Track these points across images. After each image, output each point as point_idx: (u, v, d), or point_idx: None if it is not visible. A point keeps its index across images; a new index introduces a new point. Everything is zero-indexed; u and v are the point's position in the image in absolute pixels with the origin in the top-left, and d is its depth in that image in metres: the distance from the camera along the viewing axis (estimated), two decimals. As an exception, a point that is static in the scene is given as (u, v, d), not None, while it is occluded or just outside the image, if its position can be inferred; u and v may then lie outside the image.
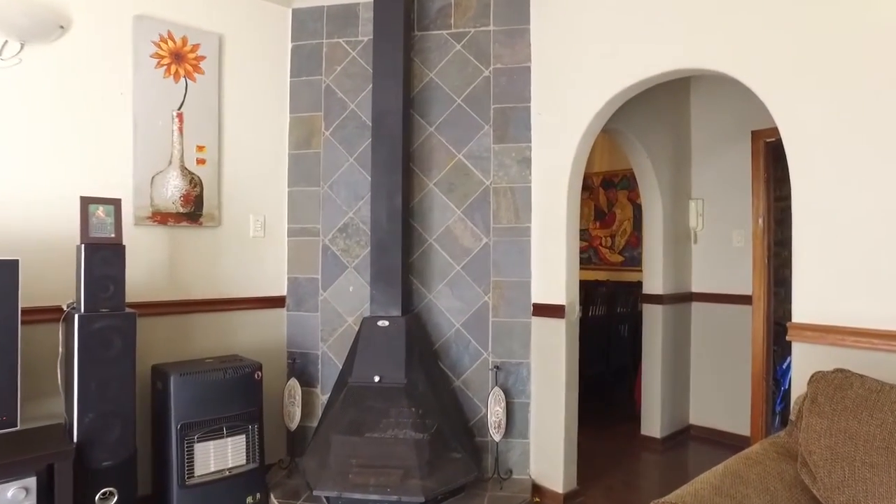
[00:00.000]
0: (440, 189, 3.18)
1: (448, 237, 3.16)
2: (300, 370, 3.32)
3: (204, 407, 2.61)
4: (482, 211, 3.14)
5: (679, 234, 4.02)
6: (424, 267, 3.19)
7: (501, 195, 3.12)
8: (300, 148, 3.37)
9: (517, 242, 3.10)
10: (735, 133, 3.92)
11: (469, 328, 3.13)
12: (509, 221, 3.11)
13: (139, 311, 2.73)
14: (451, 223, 3.16)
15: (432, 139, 3.20)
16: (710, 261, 4.06)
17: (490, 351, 3.12)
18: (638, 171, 3.85)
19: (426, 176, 3.20)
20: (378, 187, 2.96)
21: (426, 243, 3.19)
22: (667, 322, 3.89)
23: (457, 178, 3.16)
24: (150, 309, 2.83)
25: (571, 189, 2.97)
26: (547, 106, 3.04)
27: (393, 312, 2.91)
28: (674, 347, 3.97)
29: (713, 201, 4.06)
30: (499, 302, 3.11)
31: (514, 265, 3.10)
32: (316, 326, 3.33)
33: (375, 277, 2.95)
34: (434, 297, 3.17)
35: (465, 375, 3.14)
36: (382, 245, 2.94)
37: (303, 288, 3.35)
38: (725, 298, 3.96)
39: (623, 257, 6.25)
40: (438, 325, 3.17)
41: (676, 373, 4.01)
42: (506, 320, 3.10)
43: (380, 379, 2.74)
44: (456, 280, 3.15)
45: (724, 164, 3.98)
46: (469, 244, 3.14)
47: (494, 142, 3.13)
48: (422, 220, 3.20)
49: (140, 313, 2.78)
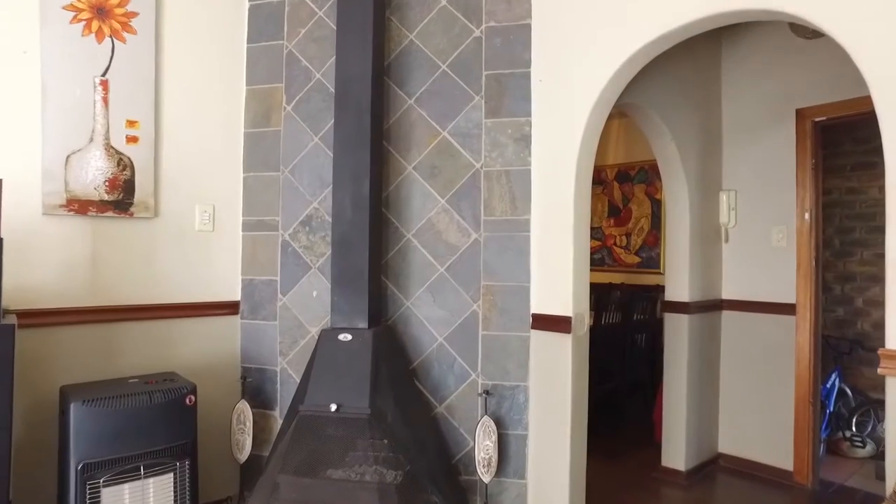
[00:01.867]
0: (421, 173, 2.63)
1: (430, 232, 2.61)
2: (255, 389, 2.79)
3: (116, 441, 2.08)
4: (471, 200, 2.58)
5: (707, 232, 3.43)
6: (401, 268, 2.64)
7: (495, 180, 2.57)
8: (257, 126, 2.84)
9: (513, 239, 2.54)
10: (775, 112, 3.33)
11: (454, 343, 2.58)
12: (504, 213, 2.55)
13: (47, 319, 2.25)
14: (434, 215, 2.61)
15: (411, 113, 2.65)
16: (743, 263, 3.47)
17: (479, 371, 2.56)
18: (661, 156, 3.27)
19: (404, 157, 2.65)
20: (341, 170, 2.42)
21: (403, 239, 2.64)
22: (693, 334, 3.31)
23: (441, 160, 2.61)
24: (62, 317, 2.32)
25: (581, 173, 2.41)
26: (551, 71, 2.48)
27: (358, 324, 2.37)
28: (701, 364, 3.39)
29: (748, 193, 3.46)
30: (490, 311, 2.55)
31: (510, 267, 2.54)
32: (274, 337, 2.80)
33: (337, 281, 2.41)
34: (412, 304, 2.62)
35: (450, 400, 2.59)
36: (346, 241, 2.40)
37: (259, 292, 2.82)
38: (762, 307, 3.37)
39: (640, 258, 5.67)
40: (417, 338, 2.62)
41: (704, 393, 3.43)
42: (499, 334, 2.54)
43: (337, 407, 2.20)
44: (439, 284, 2.60)
45: (762, 150, 3.39)
46: (455, 240, 2.59)
47: (486, 115, 2.58)
48: (398, 210, 2.65)
49: (48, 323, 2.30)
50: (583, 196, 2.42)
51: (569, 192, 2.39)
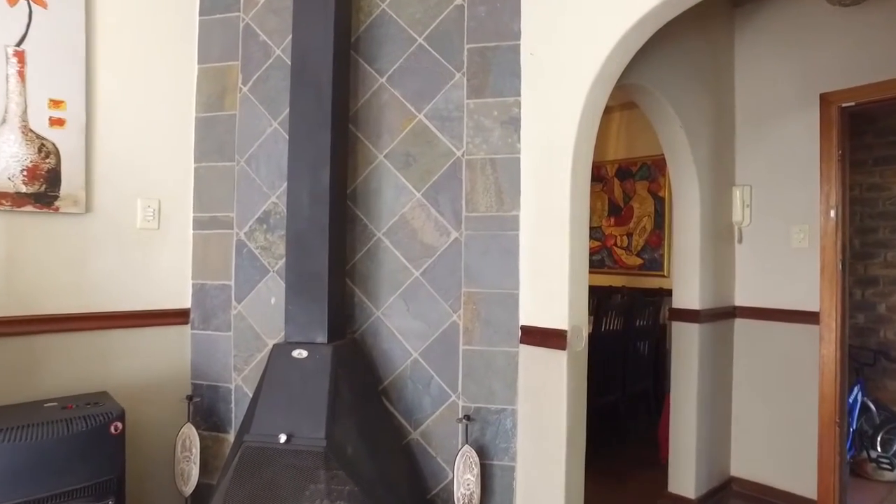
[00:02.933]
0: (393, 163, 2.28)
1: (403, 230, 2.26)
2: (206, 410, 2.44)
3: (22, 482, 1.73)
4: (451, 193, 2.23)
5: (719, 232, 3.09)
6: (370, 272, 2.29)
7: (479, 171, 2.22)
8: (211, 109, 2.49)
9: (500, 238, 2.19)
10: (796, 97, 2.98)
11: (431, 359, 2.23)
12: (489, 208, 2.20)
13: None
14: (408, 210, 2.26)
15: (383, 93, 2.30)
16: (759, 266, 3.13)
17: (460, 392, 2.21)
18: (668, 146, 2.92)
19: (374, 144, 2.30)
20: (297, 157, 2.06)
21: (372, 239, 2.29)
22: (704, 345, 2.96)
23: (416, 148, 2.26)
24: (-33, 329, 1.97)
25: (579, 161, 2.06)
26: (543, 42, 2.13)
27: (316, 337, 2.01)
28: (713, 378, 3.04)
29: (764, 189, 3.12)
30: (473, 323, 2.20)
31: (496, 271, 2.19)
32: (228, 351, 2.45)
33: (292, 287, 2.05)
34: (383, 314, 2.27)
35: (425, 425, 2.24)
36: (302, 240, 2.04)
37: (211, 298, 2.47)
38: (780, 315, 3.03)
39: (642, 260, 5.32)
40: (388, 353, 2.27)
41: (715, 411, 3.08)
42: (483, 349, 2.19)
43: (288, 438, 1.84)
44: (413, 291, 2.25)
45: (780, 140, 3.05)
46: (432, 240, 2.24)
47: (469, 95, 2.23)
48: (366, 205, 2.30)
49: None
50: (581, 188, 2.07)
51: (564, 184, 2.04)
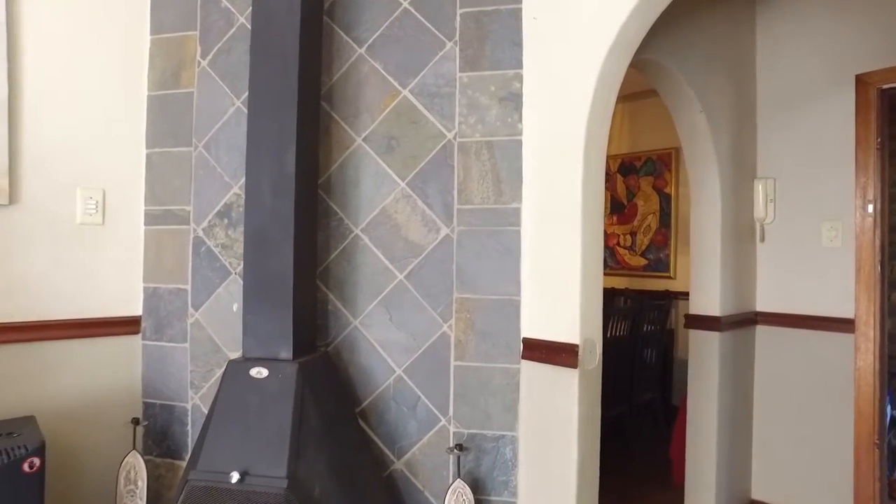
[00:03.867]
0: (373, 147, 1.95)
1: (385, 226, 1.94)
2: (159, 433, 2.11)
3: None
4: (441, 182, 1.91)
5: (740, 230, 2.77)
6: (346, 274, 1.96)
7: (473, 156, 1.89)
8: (165, 86, 2.16)
9: (498, 235, 1.87)
10: (828, 79, 2.67)
11: (417, 376, 1.91)
12: (485, 200, 1.88)
13: None
14: (391, 203, 1.94)
15: (361, 66, 1.97)
16: (784, 267, 2.81)
17: (451, 416, 1.89)
18: (686, 133, 2.60)
19: (351, 126, 1.97)
20: (257, 139, 1.74)
21: (349, 236, 1.96)
22: (725, 357, 2.64)
23: (400, 129, 1.94)
24: None
25: (592, 144, 1.74)
26: (550, 4, 1.81)
27: (279, 353, 1.69)
28: (734, 392, 2.73)
29: (790, 182, 2.81)
30: (466, 334, 1.88)
31: (493, 273, 1.87)
32: (184, 365, 2.12)
33: (251, 293, 1.73)
34: (361, 324, 1.94)
35: (411, 454, 1.91)
36: (263, 237, 1.72)
37: (165, 304, 2.14)
38: (808, 322, 2.71)
39: (646, 260, 5.02)
40: (368, 370, 1.94)
41: (737, 429, 2.76)
42: (478, 365, 1.87)
43: (241, 476, 1.52)
44: (397, 297, 1.92)
45: (809, 127, 2.74)
46: (419, 237, 1.92)
47: (462, 68, 1.90)
48: (342, 197, 1.97)
49: None
50: (594, 174, 1.75)
51: (575, 170, 1.72)
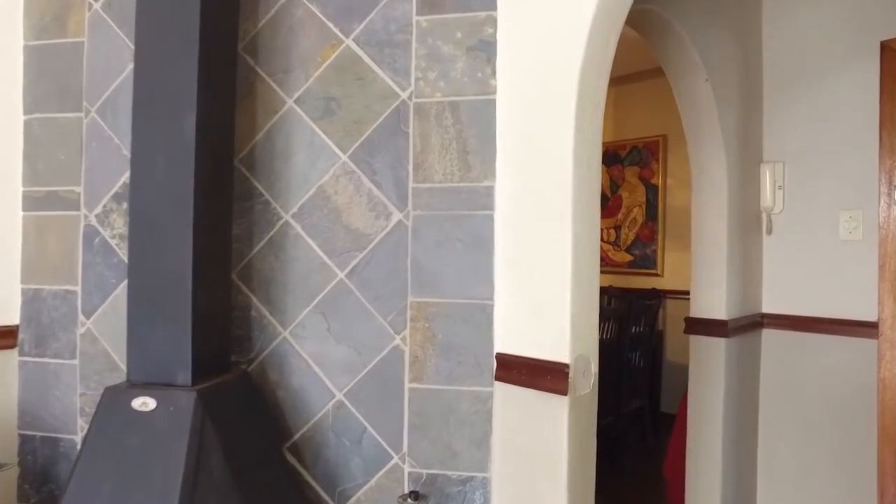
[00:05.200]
0: (308, 110, 1.54)
1: (322, 210, 1.53)
2: (39, 473, 1.68)
3: None
4: (392, 154, 1.50)
5: (744, 221, 2.43)
6: (273, 272, 1.55)
7: (433, 121, 1.49)
8: (46, 35, 1.72)
9: (465, 222, 1.47)
10: (846, 47, 2.34)
11: (363, 402, 1.50)
12: (449, 176, 1.48)
13: None
14: (329, 181, 1.53)
15: (294, 9, 1.55)
16: (794, 263, 2.47)
17: (406, 452, 1.49)
18: (688, 106, 2.23)
19: (280, 84, 1.56)
20: (146, 98, 1.31)
21: (278, 223, 1.55)
22: (731, 366, 2.29)
23: (342, 88, 1.53)
24: None
25: (587, 100, 1.35)
26: (530, -73, 1.42)
27: (174, 377, 1.27)
28: (740, 406, 2.38)
29: (802, 165, 2.46)
30: (425, 349, 1.48)
31: (458, 270, 1.47)
32: (72, 386, 1.68)
33: (137, 297, 1.30)
34: (293, 334, 1.53)
35: (355, 499, 1.51)
36: (153, 225, 1.29)
37: (49, 311, 1.70)
38: (822, 325, 2.38)
39: (632, 256, 4.69)
40: (301, 393, 1.53)
41: (742, 449, 2.42)
42: (439, 388, 1.47)
43: (110, 553, 1.11)
44: (337, 300, 1.51)
45: (823, 103, 2.40)
46: (364, 225, 1.51)
47: (420, 10, 1.50)
48: (268, 174, 1.56)
49: None
50: (590, 142, 1.36)
51: (565, 135, 1.32)
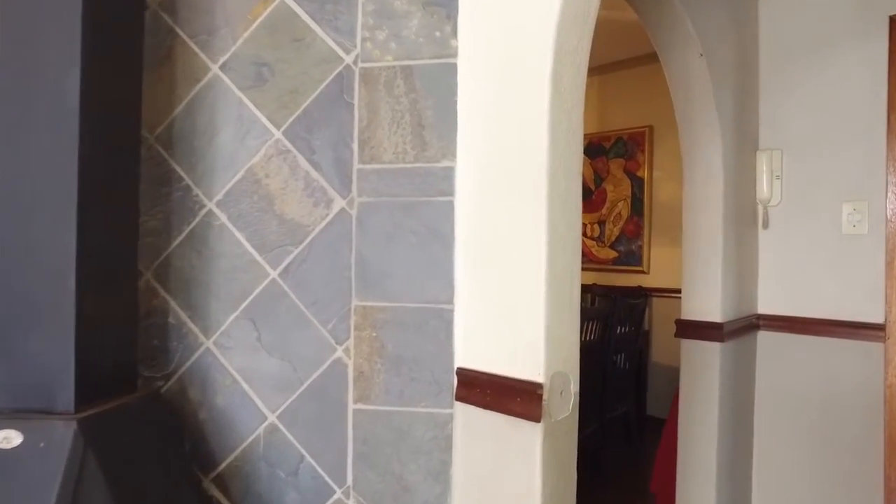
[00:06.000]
0: (236, 78, 1.29)
1: (252, 197, 1.28)
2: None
3: None
4: (334, 130, 1.26)
5: (740, 214, 2.22)
6: (195, 271, 1.30)
7: (383, 89, 1.25)
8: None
9: (420, 210, 1.23)
10: (850, 23, 2.14)
11: (300, 425, 1.26)
12: (401, 156, 1.24)
13: None
14: (261, 162, 1.28)
15: (218, -45, 1.31)
16: (793, 260, 2.27)
17: (350, 485, 1.25)
18: (680, 85, 2.01)
19: (203, 47, 1.31)
20: (14, 49, 1.06)
21: (200, 212, 1.30)
22: (726, 373, 2.09)
23: (276, 52, 1.28)
24: None
25: (565, 63, 1.12)
26: None
27: (53, 402, 1.02)
28: (735, 416, 2.18)
29: (801, 153, 2.26)
30: (372, 363, 1.24)
31: (412, 268, 1.23)
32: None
33: (2, 302, 1.05)
34: (218, 345, 1.29)
35: (292, 542, 1.27)
36: (25, 208, 1.05)
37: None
38: (823, 327, 2.19)
39: (616, 252, 4.49)
40: (227, 415, 1.29)
41: (735, 458, 2.22)
42: (389, 410, 1.24)
43: None
44: (269, 304, 1.27)
45: (825, 85, 2.20)
46: (301, 214, 1.27)
47: (368, -42, 1.26)
48: (190, 154, 1.31)
49: None
50: (570, 112, 1.13)
51: (539, 107, 1.09)
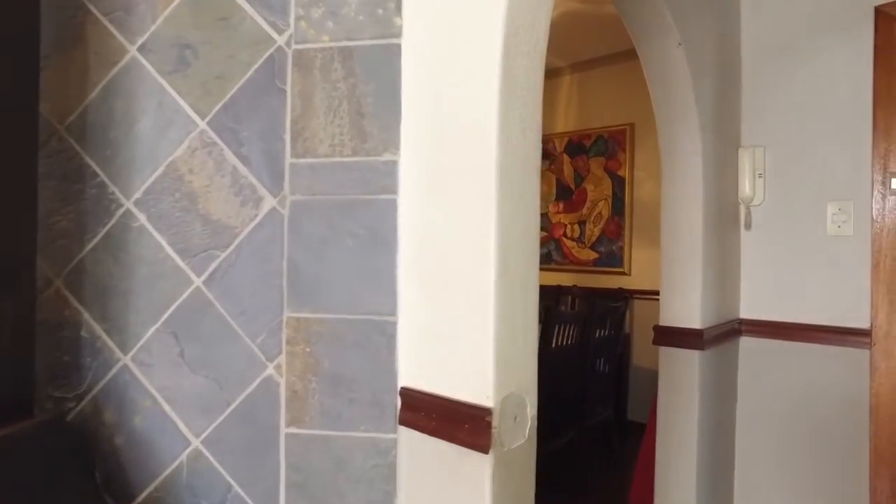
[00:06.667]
0: (157, 62, 1.15)
1: (174, 195, 1.14)
2: None
3: None
4: (265, 120, 1.13)
5: (721, 213, 2.11)
6: (111, 278, 1.16)
7: (318, 74, 1.12)
8: None
9: (360, 210, 1.10)
10: (834, 14, 2.04)
11: (227, 451, 1.13)
12: (338, 148, 1.11)
13: None
14: (184, 156, 1.14)
15: (137, -76, 1.17)
16: (776, 262, 2.17)
17: (283, 519, 1.12)
18: (657, 77, 1.89)
19: (120, 27, 1.17)
20: None
21: (117, 212, 1.16)
22: (706, 383, 1.98)
23: (200, 32, 1.14)
24: None
25: (518, 42, 0.99)
26: None
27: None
28: (716, 427, 2.07)
29: (785, 151, 2.16)
30: (305, 381, 1.11)
31: (350, 276, 1.10)
32: None
33: None
34: (136, 361, 1.15)
35: (219, 582, 1.14)
36: None
37: None
38: (807, 333, 2.08)
39: (597, 253, 4.38)
40: (147, 439, 1.15)
41: (718, 475, 2.11)
42: (326, 435, 1.10)
43: None
44: (193, 316, 1.13)
45: (810, 79, 2.10)
46: (228, 214, 1.13)
47: (303, -73, 1.13)
48: (104, 147, 1.17)
49: None
50: (526, 101, 1.00)
51: (487, 96, 0.96)
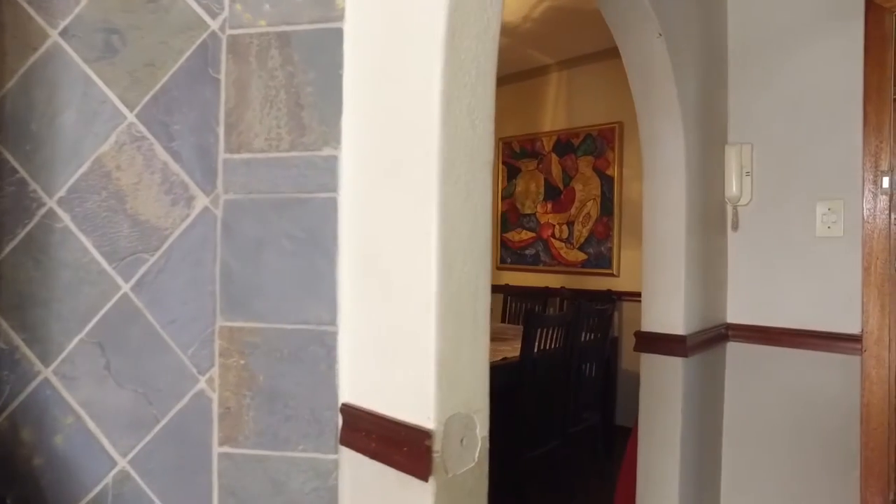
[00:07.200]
0: (81, 48, 1.06)
1: (100, 194, 1.05)
2: None
3: None
4: (197, 112, 1.03)
5: (706, 214, 2.02)
6: (32, 284, 1.06)
7: (254, 62, 1.03)
8: None
9: (298, 210, 1.01)
10: (824, 7, 1.96)
11: (155, 473, 1.03)
12: (274, 143, 1.02)
13: None
14: (111, 151, 1.05)
15: None
16: (764, 264, 2.08)
17: (216, 548, 1.03)
18: (636, 67, 1.80)
19: (40, 9, 1.07)
20: None
21: (38, 213, 1.06)
22: (691, 391, 1.89)
23: (128, 16, 1.05)
24: None
25: (463, 29, 0.90)
26: None
27: None
28: (701, 437, 1.98)
29: (772, 148, 2.07)
30: (240, 396, 1.01)
31: (288, 282, 1.01)
32: None
33: None
34: (58, 374, 1.05)
35: None
36: None
37: None
38: (797, 339, 1.99)
39: (585, 255, 4.29)
40: (68, 459, 1.05)
41: (700, 483, 2.02)
42: (262, 455, 1.01)
43: None
44: (119, 325, 1.04)
45: (798, 74, 2.01)
46: (157, 215, 1.04)
47: None
48: (24, 140, 1.07)
49: None
50: (474, 92, 0.91)
51: (428, 81, 0.87)
